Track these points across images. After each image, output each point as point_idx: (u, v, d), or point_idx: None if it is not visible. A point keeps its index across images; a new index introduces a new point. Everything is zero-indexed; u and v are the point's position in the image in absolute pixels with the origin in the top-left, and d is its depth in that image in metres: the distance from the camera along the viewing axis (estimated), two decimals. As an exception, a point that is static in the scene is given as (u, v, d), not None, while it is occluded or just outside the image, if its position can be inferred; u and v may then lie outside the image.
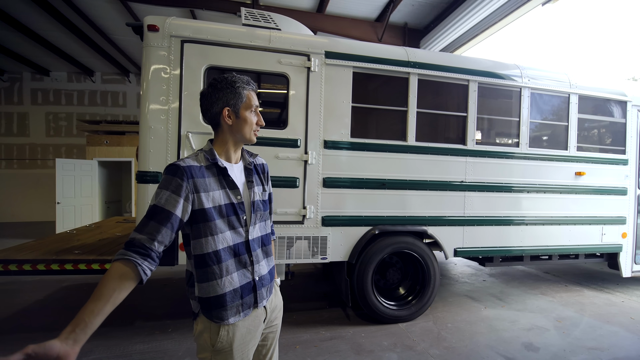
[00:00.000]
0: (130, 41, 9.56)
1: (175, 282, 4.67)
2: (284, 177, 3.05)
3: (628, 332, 3.18)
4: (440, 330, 3.20)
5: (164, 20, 2.91)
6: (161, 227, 1.08)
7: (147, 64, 2.86)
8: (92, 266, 2.92)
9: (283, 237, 3.06)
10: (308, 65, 3.06)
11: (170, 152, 2.87)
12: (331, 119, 3.14)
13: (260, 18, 3.33)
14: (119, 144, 8.96)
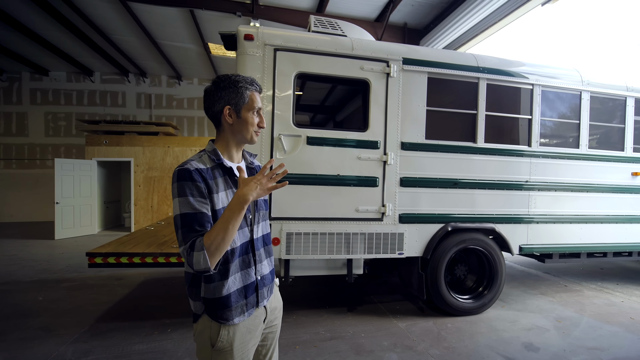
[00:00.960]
0: (130, 41, 9.54)
1: (174, 282, 4.66)
2: (365, 176, 3.23)
3: (628, 332, 3.18)
4: (440, 330, 3.19)
5: (257, 29, 3.08)
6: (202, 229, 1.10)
7: (243, 71, 3.01)
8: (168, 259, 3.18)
9: (364, 234, 3.23)
10: (387, 72, 3.24)
11: (263, 154, 3.05)
12: (408, 121, 3.31)
13: (328, 25, 3.51)
14: (118, 144, 8.94)
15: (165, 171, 9.20)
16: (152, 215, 9.12)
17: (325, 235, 3.15)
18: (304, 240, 3.12)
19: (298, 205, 3.10)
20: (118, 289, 4.40)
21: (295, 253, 3.11)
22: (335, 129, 3.23)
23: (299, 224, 3.12)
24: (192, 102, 12.76)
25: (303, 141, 3.09)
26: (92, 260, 3.12)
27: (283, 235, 3.09)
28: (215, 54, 10.28)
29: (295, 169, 3.06)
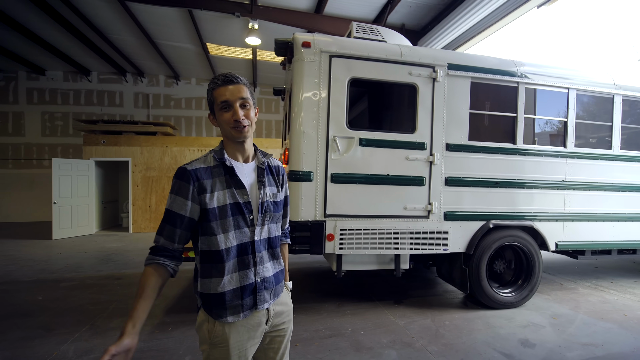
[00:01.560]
0: (128, 41, 9.53)
1: (174, 281, 4.68)
2: (413, 176, 3.41)
3: (621, 328, 3.25)
4: (438, 327, 3.24)
5: (313, 37, 3.24)
6: (176, 230, 1.19)
7: (300, 76, 3.18)
8: None
9: (411, 230, 3.43)
10: (434, 77, 3.42)
11: (320, 154, 3.22)
12: (452, 124, 3.49)
13: (369, 31, 3.72)
14: (116, 144, 8.93)
15: (164, 171, 9.19)
16: (150, 215, 9.11)
17: (375, 231, 3.33)
18: (356, 237, 3.29)
19: (351, 203, 3.28)
20: (117, 288, 4.41)
21: (348, 248, 3.28)
22: (385, 131, 3.42)
23: (351, 220, 3.29)
24: (190, 102, 12.74)
25: (356, 142, 3.27)
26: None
27: (337, 231, 3.26)
28: (214, 54, 10.30)
29: (348, 168, 3.26)
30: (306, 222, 3.20)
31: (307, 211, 3.21)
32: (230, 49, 9.99)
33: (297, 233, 3.18)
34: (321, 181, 3.22)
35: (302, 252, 3.26)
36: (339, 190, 3.24)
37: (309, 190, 3.21)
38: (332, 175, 3.24)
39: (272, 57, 10.58)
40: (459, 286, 3.70)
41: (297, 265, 5.52)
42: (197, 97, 12.81)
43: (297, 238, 3.20)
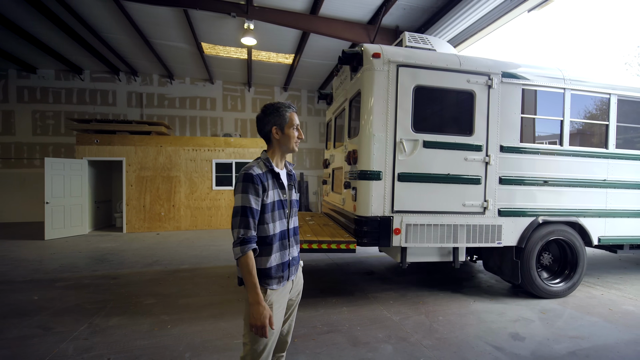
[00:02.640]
0: (122, 40, 9.47)
1: (168, 282, 4.70)
2: (471, 175, 3.72)
3: (606, 322, 3.38)
4: (432, 322, 3.33)
5: (381, 48, 3.55)
6: (252, 220, 1.56)
7: (370, 84, 3.50)
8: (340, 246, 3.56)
9: (469, 225, 3.72)
10: (489, 84, 3.73)
11: (388, 155, 3.53)
12: (505, 127, 3.80)
13: (420, 41, 4.05)
14: (110, 143, 8.87)
15: (158, 171, 9.16)
16: (144, 215, 9.07)
17: (437, 226, 3.63)
18: (419, 231, 3.60)
19: (415, 200, 3.59)
20: (114, 287, 4.42)
21: (413, 241, 3.59)
22: (446, 134, 3.70)
23: (415, 216, 3.59)
24: (184, 101, 12.70)
25: (420, 144, 3.58)
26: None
27: (403, 226, 3.57)
28: (209, 53, 10.29)
29: (413, 168, 3.58)
30: (376, 218, 3.51)
31: (376, 207, 3.52)
32: (225, 48, 10.00)
33: (366, 227, 3.50)
34: (389, 180, 3.54)
35: (371, 245, 3.56)
36: (405, 188, 3.56)
37: (378, 188, 3.53)
38: (399, 175, 3.55)
39: (267, 57, 10.61)
40: (508, 277, 3.99)
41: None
42: (191, 97, 12.77)
43: (367, 232, 3.50)
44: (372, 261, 5.89)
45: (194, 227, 9.41)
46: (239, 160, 9.73)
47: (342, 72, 4.66)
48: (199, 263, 5.72)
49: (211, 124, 13.00)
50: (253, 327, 1.49)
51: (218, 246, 7.15)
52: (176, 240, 7.89)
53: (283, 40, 9.38)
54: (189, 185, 9.37)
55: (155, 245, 7.30)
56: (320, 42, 9.37)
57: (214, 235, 8.57)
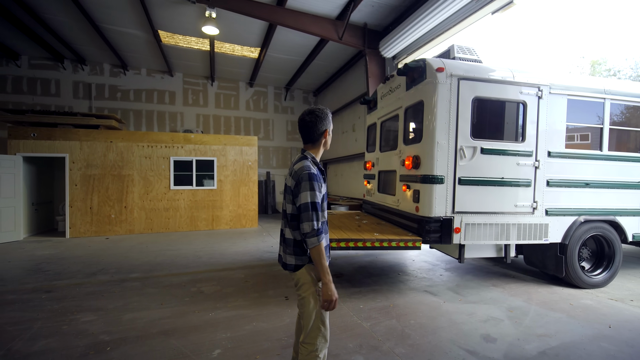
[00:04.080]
0: (65, 23, 8.50)
1: (115, 293, 4.16)
2: (522, 179, 4.05)
3: (570, 317, 3.43)
4: (404, 327, 3.18)
5: (443, 62, 3.86)
6: (321, 214, 1.84)
7: (435, 96, 3.80)
8: (407, 244, 3.82)
9: (519, 224, 4.05)
10: (539, 95, 4.08)
11: (449, 161, 3.83)
12: (552, 134, 4.15)
13: (467, 52, 4.37)
14: (50, 138, 7.90)
15: (107, 168, 8.32)
16: (91, 218, 8.20)
17: (492, 225, 3.97)
18: (476, 229, 3.92)
19: (473, 201, 3.91)
20: (46, 303, 3.81)
21: (471, 239, 3.91)
22: (500, 141, 4.02)
23: (473, 216, 3.92)
24: (139, 94, 11.76)
25: (478, 151, 3.90)
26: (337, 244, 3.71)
27: (463, 225, 3.87)
28: (167, 42, 9.57)
29: (472, 173, 3.90)
30: (439, 218, 3.81)
31: (439, 209, 3.82)
32: (185, 38, 9.34)
33: (431, 226, 3.80)
34: (450, 183, 3.84)
35: (434, 242, 3.85)
36: (465, 191, 3.88)
37: (441, 191, 3.82)
38: (460, 179, 3.87)
39: (232, 49, 10.09)
40: (552, 271, 4.37)
41: (252, 265, 5.23)
42: (148, 89, 11.86)
43: (431, 231, 3.80)
44: (341, 263, 5.70)
45: (149, 230, 8.67)
46: (201, 157, 9.13)
47: (393, 81, 4.94)
48: (151, 270, 5.18)
49: (170, 119, 12.17)
50: (325, 302, 1.76)
51: (175, 250, 6.59)
52: (127, 245, 7.18)
53: (248, 32, 8.94)
54: (144, 184, 8.62)
55: (103, 251, 6.57)
56: (288, 36, 9.05)
57: (172, 238, 7.94)
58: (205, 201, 9.19)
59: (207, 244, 7.31)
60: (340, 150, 12.08)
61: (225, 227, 9.42)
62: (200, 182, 9.17)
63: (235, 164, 9.52)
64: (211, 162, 9.24)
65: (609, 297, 4.06)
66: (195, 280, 4.67)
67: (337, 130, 12.38)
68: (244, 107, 13.20)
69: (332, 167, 13.33)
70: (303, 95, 14.32)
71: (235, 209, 9.52)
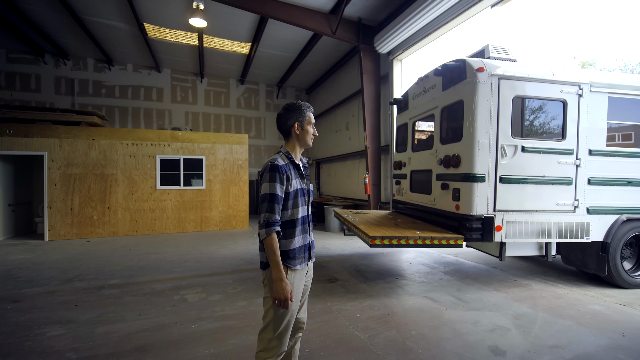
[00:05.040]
0: (43, 13, 8.05)
1: (90, 302, 3.82)
2: (563, 177, 4.02)
3: (580, 325, 3.22)
4: (405, 339, 2.91)
5: (483, 62, 3.87)
6: (277, 206, 1.75)
7: (475, 96, 3.81)
8: (449, 242, 3.80)
9: (560, 222, 4.00)
10: (580, 93, 4.03)
11: (490, 159, 3.83)
12: (593, 132, 4.09)
13: (502, 52, 4.36)
14: (27, 135, 7.46)
15: (89, 167, 7.91)
16: (71, 219, 7.78)
17: (533, 223, 3.94)
18: (517, 227, 3.90)
19: (514, 200, 3.90)
20: (11, 315, 3.46)
21: (512, 237, 3.90)
22: (541, 139, 4.01)
23: (514, 214, 3.91)
24: (125, 90, 11.32)
25: (519, 149, 3.89)
26: (373, 241, 3.69)
27: (504, 223, 3.87)
28: (153, 36, 9.19)
29: (513, 171, 3.89)
30: (480, 216, 3.82)
31: (480, 207, 3.83)
32: (172, 31, 8.97)
33: (472, 224, 3.80)
34: (492, 182, 3.84)
35: (476, 240, 3.83)
36: (506, 189, 3.87)
37: (482, 189, 3.82)
38: (501, 177, 3.86)
39: (221, 44, 9.74)
40: (593, 270, 4.28)
41: (241, 269, 4.92)
42: (134, 86, 11.43)
43: (473, 229, 3.79)
44: (334, 266, 5.43)
45: (134, 232, 8.28)
46: (189, 156, 8.77)
47: (427, 81, 4.93)
48: (132, 276, 4.83)
49: (158, 117, 11.75)
50: (277, 300, 1.69)
51: (159, 254, 6.23)
52: (110, 248, 6.80)
53: (238, 26, 8.61)
54: (128, 184, 8.23)
55: (82, 255, 6.18)
56: (279, 31, 8.75)
57: (157, 240, 7.57)
58: (194, 201, 8.84)
59: (194, 246, 6.97)
60: (334, 149, 11.82)
61: (214, 228, 9.07)
62: (188, 181, 8.80)
63: (225, 163, 9.17)
64: (200, 160, 8.88)
65: (617, 302, 3.87)
66: (179, 287, 4.35)
67: (330, 128, 12.12)
68: (235, 104, 12.85)
69: (325, 166, 13.06)
70: (295, 93, 14.03)
71: (225, 209, 9.18)
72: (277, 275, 1.69)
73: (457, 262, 5.75)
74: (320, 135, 13.06)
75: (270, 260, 1.71)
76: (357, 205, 9.95)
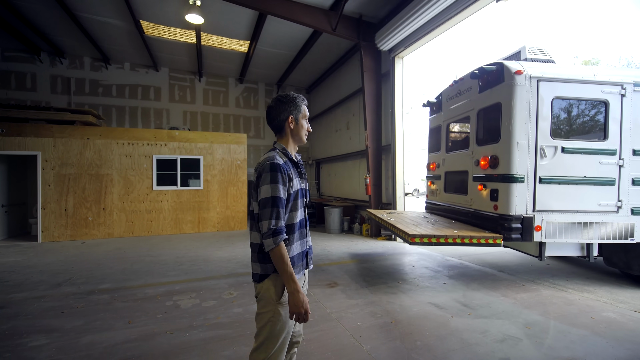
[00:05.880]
0: (38, 10, 7.88)
1: (78, 308, 3.64)
2: (605, 177, 3.99)
3: (595, 335, 3.03)
4: (410, 351, 2.73)
5: (522, 65, 3.92)
6: (282, 210, 1.56)
7: (514, 98, 3.87)
8: (488, 241, 3.85)
9: (603, 223, 3.98)
10: (622, 93, 4.01)
11: (529, 160, 3.89)
12: (637, 132, 4.05)
13: (540, 53, 4.42)
14: (20, 134, 7.30)
15: (84, 168, 7.74)
16: (66, 221, 7.60)
17: (574, 224, 3.95)
18: (558, 228, 3.93)
19: (554, 200, 3.93)
20: (-8, 322, 3.28)
21: (552, 237, 3.93)
22: (582, 140, 4.00)
23: (555, 214, 3.93)
24: (122, 89, 11.15)
25: (559, 150, 3.93)
26: (412, 239, 3.80)
27: (543, 223, 3.90)
28: (150, 34, 9.01)
29: (553, 172, 3.93)
30: (520, 216, 3.87)
31: (519, 207, 3.88)
32: (169, 29, 8.80)
33: (511, 224, 3.83)
34: (531, 183, 3.89)
35: (515, 240, 3.86)
36: (546, 190, 3.91)
37: (521, 190, 3.88)
38: (540, 178, 3.91)
39: (220, 42, 9.57)
40: (637, 272, 4.28)
41: (238, 273, 4.74)
42: (131, 85, 11.26)
43: (512, 228, 3.84)
44: (334, 270, 5.24)
45: (129, 233, 8.10)
46: (186, 156, 8.59)
47: (462, 84, 4.97)
48: (125, 280, 4.65)
49: (155, 116, 11.58)
50: (295, 315, 1.51)
51: (154, 257, 6.05)
52: (104, 250, 6.62)
53: (236, 23, 8.43)
54: (124, 184, 8.05)
55: (75, 257, 6.01)
56: (278, 28, 8.57)
57: (153, 242, 7.39)
58: (191, 202, 8.66)
59: (191, 248, 6.79)
60: (334, 149, 11.63)
61: (212, 229, 8.89)
62: (185, 182, 8.63)
63: (223, 163, 9.00)
64: (197, 160, 8.71)
65: (632, 309, 3.68)
66: (172, 292, 4.17)
67: (330, 128, 11.93)
68: (234, 104, 12.67)
69: (325, 166, 12.88)
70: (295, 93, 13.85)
71: (223, 210, 9.00)
72: (293, 288, 1.50)
73: (461, 265, 5.56)
74: (320, 134, 12.88)
75: (282, 272, 1.51)
76: (358, 206, 9.76)
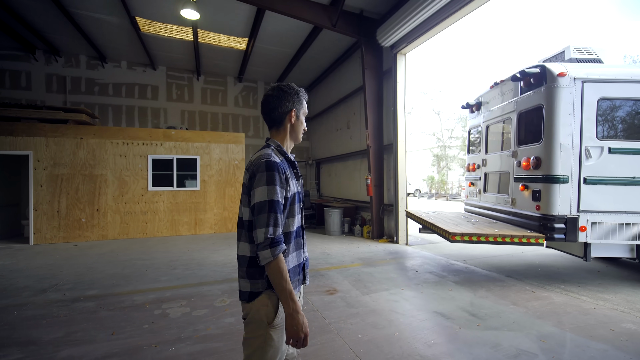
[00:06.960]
0: (30, 6, 7.68)
1: (60, 317, 3.42)
2: None
3: (617, 349, 2.78)
4: (415, 369, 2.49)
5: (565, 67, 3.92)
6: (281, 216, 1.33)
7: (557, 100, 3.88)
8: (530, 240, 3.89)
9: None
10: None
11: (573, 161, 3.91)
12: None
13: (585, 52, 4.41)
14: (11, 133, 7.10)
15: (77, 168, 7.53)
16: (58, 222, 7.40)
17: (622, 225, 3.93)
18: (605, 228, 3.92)
19: (601, 201, 3.92)
20: (-34, 333, 3.05)
21: (598, 238, 3.93)
22: (630, 140, 3.97)
23: (601, 215, 3.92)
24: (119, 88, 10.95)
25: (605, 151, 3.93)
26: (453, 237, 3.93)
27: (589, 224, 3.91)
28: (146, 31, 8.80)
29: (599, 172, 3.93)
30: (563, 217, 3.89)
31: (563, 207, 3.91)
32: (165, 26, 8.59)
33: (554, 224, 3.86)
34: (575, 183, 3.90)
35: (559, 240, 3.89)
36: (591, 190, 3.91)
37: (564, 190, 3.91)
38: (585, 178, 3.91)
39: (217, 40, 9.35)
40: None
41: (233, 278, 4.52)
42: (128, 83, 11.05)
43: (556, 229, 3.86)
44: (334, 275, 5.00)
45: (124, 235, 7.89)
46: (182, 156, 8.38)
47: (503, 85, 4.99)
48: (113, 286, 4.43)
49: (153, 116, 11.37)
50: (294, 339, 1.28)
51: (147, 260, 5.83)
52: (97, 252, 6.41)
53: (234, 19, 8.22)
54: (119, 185, 7.84)
55: (66, 260, 5.79)
56: (277, 25, 8.35)
57: (148, 245, 7.18)
58: (188, 203, 8.44)
59: (186, 251, 6.57)
60: (335, 148, 11.40)
61: (209, 231, 8.67)
62: (181, 182, 8.41)
63: (221, 163, 8.78)
64: (194, 160, 8.49)
65: (652, 319, 3.43)
66: (161, 299, 3.94)
67: (331, 127, 11.70)
68: (233, 103, 12.46)
69: (325, 167, 12.65)
70: (295, 92, 13.62)
71: (220, 211, 8.78)
72: (292, 308, 1.26)
73: (467, 269, 5.32)
74: (320, 134, 12.65)
75: (280, 289, 1.27)
76: (358, 208, 9.52)
